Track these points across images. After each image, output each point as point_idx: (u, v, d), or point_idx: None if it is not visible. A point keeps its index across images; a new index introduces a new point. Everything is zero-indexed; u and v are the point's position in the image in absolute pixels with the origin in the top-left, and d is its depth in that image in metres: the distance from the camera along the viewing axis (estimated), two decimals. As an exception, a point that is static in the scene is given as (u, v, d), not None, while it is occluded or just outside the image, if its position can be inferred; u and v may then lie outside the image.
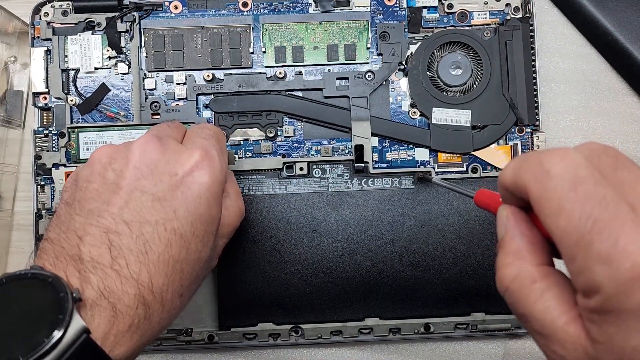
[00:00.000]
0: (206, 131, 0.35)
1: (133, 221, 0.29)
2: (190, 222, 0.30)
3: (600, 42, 0.46)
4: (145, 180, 0.30)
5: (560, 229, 0.21)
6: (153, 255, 0.29)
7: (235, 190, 0.38)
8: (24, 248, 0.46)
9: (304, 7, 0.45)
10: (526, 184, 0.23)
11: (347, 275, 0.43)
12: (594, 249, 0.20)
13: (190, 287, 0.32)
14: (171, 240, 0.30)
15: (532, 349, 0.45)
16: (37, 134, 0.44)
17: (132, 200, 0.30)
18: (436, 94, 0.44)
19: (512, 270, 0.24)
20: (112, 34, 0.44)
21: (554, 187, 0.22)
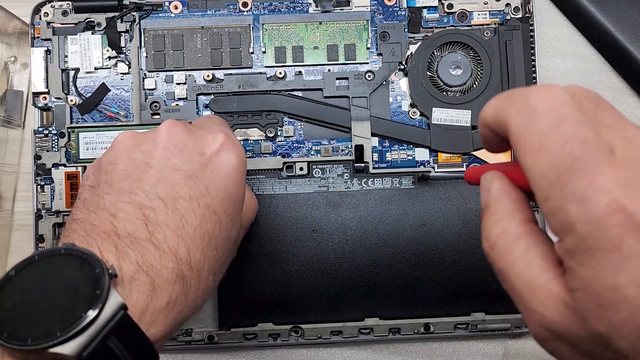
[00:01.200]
0: (215, 120, 0.36)
1: (167, 197, 0.29)
2: (221, 199, 0.31)
3: (600, 42, 0.46)
4: (175, 158, 0.31)
5: (539, 168, 0.21)
6: (190, 229, 0.29)
7: (247, 186, 0.38)
8: (24, 248, 0.46)
9: (304, 7, 0.45)
10: (508, 119, 0.23)
11: (347, 275, 0.43)
12: (570, 188, 0.20)
13: (222, 267, 0.32)
14: (205, 216, 0.30)
15: (532, 349, 0.45)
16: (37, 134, 0.44)
17: (164, 178, 0.30)
18: (436, 94, 0.44)
19: (498, 227, 0.24)
20: (112, 34, 0.44)
21: (536, 124, 0.21)
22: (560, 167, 0.21)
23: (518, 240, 0.23)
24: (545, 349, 0.23)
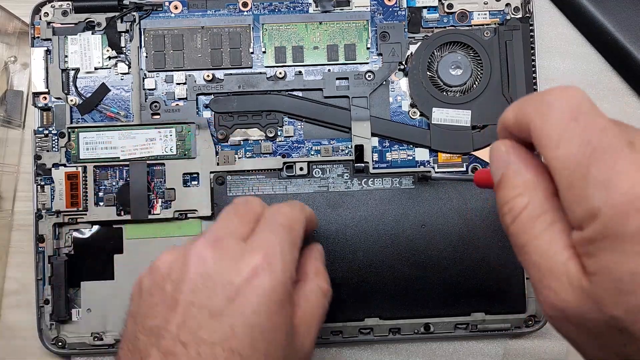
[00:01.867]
0: (279, 218, 0.32)
1: (190, 342, 0.28)
2: (250, 338, 0.28)
3: (600, 42, 0.46)
4: (200, 293, 0.29)
5: (560, 159, 0.22)
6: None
7: (315, 269, 0.35)
8: (24, 248, 0.46)
9: (304, 7, 0.45)
10: (528, 118, 0.23)
11: (347, 275, 0.43)
12: (592, 175, 0.20)
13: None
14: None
15: (532, 349, 0.45)
16: (37, 134, 0.44)
17: (188, 318, 0.28)
18: (436, 94, 0.44)
19: (522, 200, 0.24)
20: (112, 34, 0.44)
21: (555, 118, 0.22)
22: (582, 155, 0.21)
23: (543, 215, 0.23)
24: (554, 326, 0.24)
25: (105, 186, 0.44)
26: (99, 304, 0.44)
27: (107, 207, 0.44)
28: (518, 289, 0.43)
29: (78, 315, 0.44)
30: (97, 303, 0.44)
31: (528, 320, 0.44)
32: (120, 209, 0.44)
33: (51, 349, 0.43)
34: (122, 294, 0.44)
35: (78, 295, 0.44)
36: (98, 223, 0.44)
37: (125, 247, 0.44)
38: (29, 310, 0.44)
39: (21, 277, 0.46)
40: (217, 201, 0.43)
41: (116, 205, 0.44)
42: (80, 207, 0.44)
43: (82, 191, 0.44)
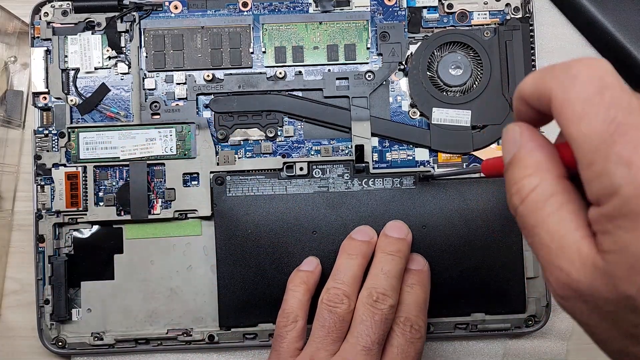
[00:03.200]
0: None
1: None
2: None
3: (600, 42, 0.46)
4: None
5: (582, 133, 0.21)
6: None
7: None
8: (24, 248, 0.46)
9: (304, 7, 0.45)
10: (549, 89, 0.23)
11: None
12: (615, 151, 0.20)
13: None
14: None
15: (532, 349, 0.45)
16: (37, 134, 0.44)
17: None
18: (436, 94, 0.44)
19: (532, 180, 0.24)
20: (112, 34, 0.44)
21: (579, 91, 0.22)
22: (605, 131, 0.21)
23: (553, 196, 0.23)
24: (564, 308, 0.24)
25: (105, 186, 0.44)
26: (99, 304, 0.44)
27: (107, 207, 0.44)
28: (518, 289, 0.43)
29: (78, 315, 0.44)
30: (97, 303, 0.44)
31: (528, 320, 0.44)
32: (120, 209, 0.44)
33: (51, 349, 0.43)
34: (122, 294, 0.44)
35: (78, 295, 0.44)
36: (98, 223, 0.44)
37: (125, 247, 0.44)
38: (29, 310, 0.44)
39: (21, 277, 0.46)
40: (217, 201, 0.43)
41: (116, 205, 0.44)
42: (80, 207, 0.44)
43: (82, 191, 0.44)
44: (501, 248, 0.43)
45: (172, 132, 0.44)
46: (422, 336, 0.36)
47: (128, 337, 0.43)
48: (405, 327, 0.36)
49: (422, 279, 0.39)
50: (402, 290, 0.38)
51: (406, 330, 0.36)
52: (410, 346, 0.35)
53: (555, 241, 0.22)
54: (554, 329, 0.45)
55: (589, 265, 0.21)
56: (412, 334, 0.36)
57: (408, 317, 0.36)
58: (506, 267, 0.43)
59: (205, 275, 0.44)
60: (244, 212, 0.43)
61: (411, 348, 0.35)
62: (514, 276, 0.43)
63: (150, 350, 0.44)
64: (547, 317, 0.44)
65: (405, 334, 0.36)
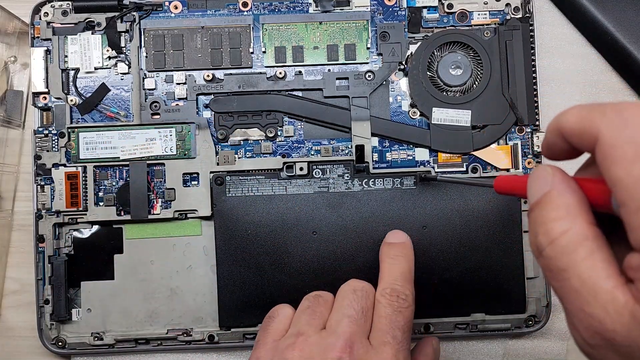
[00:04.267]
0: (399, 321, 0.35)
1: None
2: None
3: (600, 42, 0.46)
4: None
5: (633, 177, 0.21)
6: None
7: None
8: (24, 248, 0.46)
9: (304, 7, 0.45)
10: (598, 129, 0.22)
11: (348, 276, 0.42)
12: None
13: None
14: None
15: (532, 349, 0.45)
16: (37, 134, 0.44)
17: None
18: (436, 94, 0.44)
19: (563, 224, 0.23)
20: (112, 34, 0.44)
21: (632, 134, 0.21)
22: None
23: (585, 242, 0.23)
24: (589, 355, 0.23)
25: (105, 186, 0.44)
26: (99, 304, 0.44)
27: (107, 207, 0.44)
28: (518, 289, 0.43)
29: (78, 315, 0.44)
30: (97, 303, 0.44)
31: (528, 320, 0.44)
32: (120, 209, 0.44)
33: (51, 349, 0.43)
34: (122, 294, 0.44)
35: (78, 295, 0.44)
36: (98, 223, 0.44)
37: (125, 247, 0.44)
38: (29, 310, 0.44)
39: (21, 277, 0.46)
40: (217, 201, 0.43)
41: (116, 205, 0.44)
42: (80, 207, 0.44)
43: (82, 191, 0.44)
44: (501, 248, 0.43)
45: (172, 132, 0.44)
46: (410, 305, 0.36)
47: (128, 337, 0.44)
48: (392, 297, 0.36)
49: (405, 251, 0.39)
50: (386, 262, 0.38)
51: (393, 300, 0.36)
52: (398, 315, 0.35)
53: (587, 287, 0.22)
54: (554, 329, 0.45)
55: (626, 314, 0.21)
56: (399, 303, 0.35)
57: (394, 287, 0.36)
58: (506, 267, 0.43)
59: (205, 275, 0.44)
60: (244, 212, 0.43)
61: (400, 317, 0.35)
62: (514, 276, 0.43)
63: (150, 350, 0.44)
64: (547, 317, 0.44)
65: (393, 303, 0.35)
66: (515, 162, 0.44)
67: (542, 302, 0.44)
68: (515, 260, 0.43)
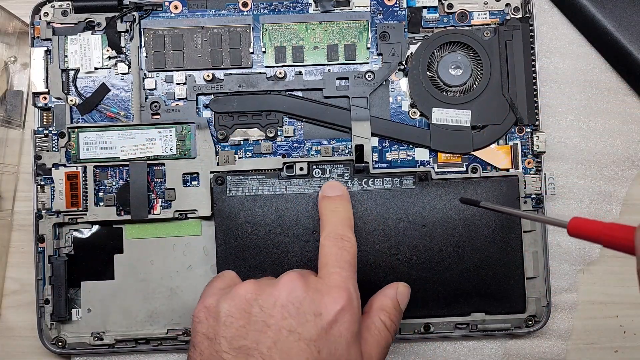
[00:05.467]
0: (344, 255, 0.36)
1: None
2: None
3: (600, 42, 0.46)
4: (292, 319, 0.32)
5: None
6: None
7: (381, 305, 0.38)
8: (24, 248, 0.46)
9: (304, 7, 0.45)
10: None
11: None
12: None
13: None
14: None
15: (532, 349, 0.45)
16: (37, 134, 0.44)
17: (280, 340, 0.32)
18: (436, 94, 0.44)
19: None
20: (112, 34, 0.44)
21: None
22: None
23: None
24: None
25: (105, 186, 0.44)
26: (99, 304, 0.44)
27: (107, 207, 0.44)
28: (518, 289, 0.43)
29: (78, 315, 0.44)
30: (97, 303, 0.44)
31: (528, 320, 0.44)
32: (120, 209, 0.44)
33: (51, 349, 0.43)
34: (122, 294, 0.44)
35: (78, 295, 0.44)
36: (98, 223, 0.44)
37: (125, 247, 0.44)
38: (29, 310, 0.44)
39: (21, 277, 0.46)
40: (217, 201, 0.43)
41: (116, 205, 0.44)
42: (80, 207, 0.44)
43: (82, 191, 0.44)
44: (501, 248, 0.43)
45: (172, 132, 0.44)
46: (353, 245, 0.37)
47: (128, 337, 0.44)
48: (335, 239, 0.37)
49: (344, 202, 0.40)
50: (325, 215, 0.39)
51: (337, 241, 0.37)
52: (343, 252, 0.36)
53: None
54: (554, 329, 0.45)
55: None
56: (343, 243, 0.37)
57: (336, 232, 0.37)
58: (506, 267, 0.43)
59: (205, 275, 0.44)
60: (244, 212, 0.43)
61: (345, 253, 0.36)
62: (514, 276, 0.43)
63: (150, 350, 0.44)
64: (547, 317, 0.44)
65: (337, 243, 0.37)
66: (515, 162, 0.44)
67: (542, 302, 0.44)
68: (515, 260, 0.43)
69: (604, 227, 0.28)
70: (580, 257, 0.46)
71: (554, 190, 0.43)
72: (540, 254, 0.44)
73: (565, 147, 0.46)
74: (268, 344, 0.32)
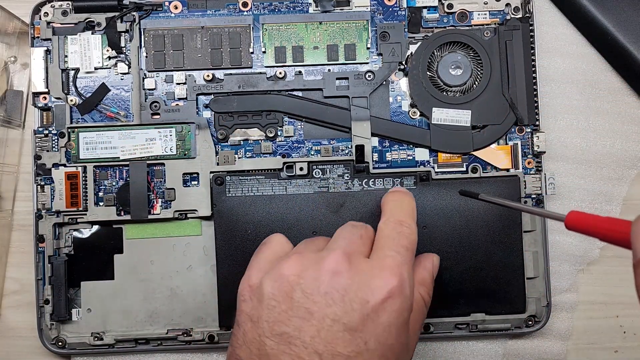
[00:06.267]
0: (403, 241, 0.34)
1: (325, 352, 0.29)
2: (380, 353, 0.30)
3: (600, 42, 0.46)
4: (336, 307, 0.30)
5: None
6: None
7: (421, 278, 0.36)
8: (24, 248, 0.46)
9: (304, 7, 0.45)
10: None
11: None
12: None
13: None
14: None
15: (532, 348, 0.45)
16: (37, 134, 0.44)
17: (323, 329, 0.30)
18: (436, 94, 0.44)
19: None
20: (112, 34, 0.44)
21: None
22: None
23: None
24: None
25: (105, 186, 0.44)
26: (99, 304, 0.44)
27: (107, 207, 0.44)
28: (518, 289, 0.43)
29: (78, 315, 0.44)
30: (97, 303, 0.44)
31: (528, 320, 0.44)
32: (120, 209, 0.44)
33: (51, 349, 0.43)
34: (122, 294, 0.44)
35: (78, 295, 0.44)
36: (98, 223, 0.44)
37: (125, 247, 0.44)
38: (29, 310, 0.44)
39: (21, 277, 0.46)
40: (217, 201, 0.43)
41: (116, 205, 0.44)
42: (80, 207, 0.44)
43: (82, 191, 0.44)
44: (501, 248, 0.43)
45: (172, 132, 0.44)
46: (413, 233, 0.35)
47: (128, 337, 0.44)
48: (395, 224, 0.35)
49: (408, 197, 0.38)
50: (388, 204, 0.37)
51: (396, 226, 0.35)
52: (402, 237, 0.34)
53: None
54: (554, 329, 0.45)
55: None
56: (402, 228, 0.34)
57: (396, 217, 0.35)
58: (506, 267, 0.43)
59: (205, 275, 0.44)
60: (244, 212, 0.43)
61: (403, 239, 0.34)
62: (514, 276, 0.43)
63: (150, 350, 0.44)
64: (547, 317, 0.44)
65: (396, 228, 0.34)
66: (515, 162, 0.44)
67: (542, 302, 0.44)
68: (515, 260, 0.43)
69: (601, 220, 0.29)
70: (580, 257, 0.46)
71: (554, 190, 0.43)
72: (540, 254, 0.44)
73: (565, 147, 0.46)
74: (311, 332, 0.30)
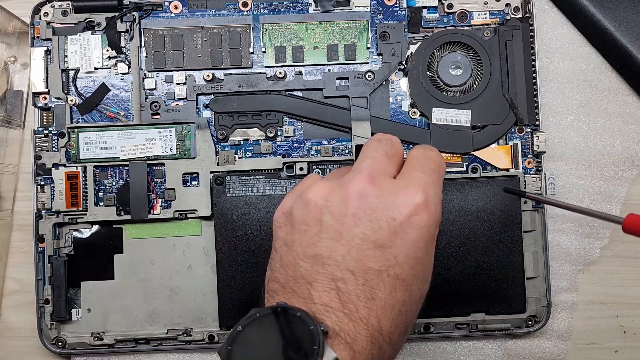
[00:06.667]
0: (430, 164, 0.34)
1: (357, 269, 0.30)
2: (411, 266, 0.31)
3: (600, 42, 0.46)
4: (364, 227, 0.31)
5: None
6: (379, 301, 0.30)
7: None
8: (24, 248, 0.46)
9: (304, 7, 0.45)
10: None
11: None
12: None
13: (413, 321, 0.32)
14: (395, 286, 0.30)
15: (532, 348, 0.45)
16: (37, 134, 0.44)
17: (353, 248, 0.30)
18: (436, 94, 0.44)
19: None
20: (112, 34, 0.44)
21: None
22: None
23: None
24: None
25: (105, 186, 0.44)
26: (99, 304, 0.44)
27: (107, 207, 0.44)
28: (518, 289, 0.43)
29: (78, 315, 0.44)
30: (97, 303, 0.44)
31: (528, 320, 0.44)
32: (120, 209, 0.44)
33: (51, 349, 0.43)
34: (122, 294, 0.44)
35: (78, 295, 0.44)
36: (98, 223, 0.44)
37: (125, 247, 0.44)
38: (29, 310, 0.44)
39: (21, 277, 0.46)
40: (217, 201, 0.43)
41: (116, 205, 0.44)
42: (80, 207, 0.44)
43: (82, 191, 0.44)
44: (501, 248, 0.43)
45: (172, 132, 0.44)
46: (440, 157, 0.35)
47: (128, 337, 0.44)
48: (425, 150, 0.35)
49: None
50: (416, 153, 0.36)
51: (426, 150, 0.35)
52: (429, 161, 0.34)
53: None
54: (554, 329, 0.45)
55: None
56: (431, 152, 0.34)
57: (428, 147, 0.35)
58: (506, 267, 0.43)
59: (205, 275, 0.44)
60: (244, 212, 0.43)
61: (431, 162, 0.34)
62: (514, 276, 0.43)
63: (150, 350, 0.44)
64: (547, 317, 0.44)
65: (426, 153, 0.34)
66: (515, 162, 0.44)
67: (542, 302, 0.44)
68: (515, 260, 0.43)
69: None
70: (580, 257, 0.46)
71: (554, 190, 0.43)
72: (540, 254, 0.44)
73: (565, 147, 0.46)
74: (342, 252, 0.30)
